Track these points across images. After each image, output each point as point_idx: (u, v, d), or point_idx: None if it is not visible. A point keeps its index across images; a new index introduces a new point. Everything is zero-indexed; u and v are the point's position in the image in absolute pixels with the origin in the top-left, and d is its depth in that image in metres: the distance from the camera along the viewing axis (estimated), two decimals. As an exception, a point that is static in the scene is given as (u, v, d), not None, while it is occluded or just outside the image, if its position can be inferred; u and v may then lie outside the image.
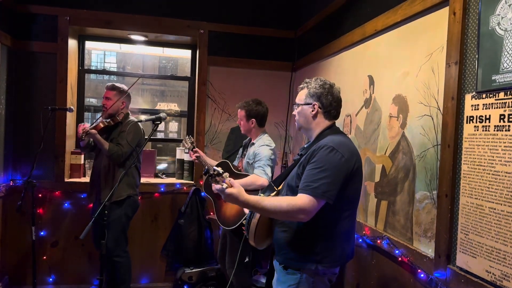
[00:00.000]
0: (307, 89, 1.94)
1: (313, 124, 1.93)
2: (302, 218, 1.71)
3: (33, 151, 3.42)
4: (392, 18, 2.30)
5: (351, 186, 1.80)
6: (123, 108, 3.28)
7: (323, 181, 1.69)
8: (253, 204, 1.74)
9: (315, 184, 1.69)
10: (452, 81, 1.80)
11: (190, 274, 3.65)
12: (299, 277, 1.82)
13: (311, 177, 1.72)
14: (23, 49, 3.55)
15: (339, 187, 1.72)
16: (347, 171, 1.76)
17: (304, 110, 1.94)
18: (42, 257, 3.61)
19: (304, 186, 1.72)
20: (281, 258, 1.89)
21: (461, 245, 1.73)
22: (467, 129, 1.71)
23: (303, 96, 1.96)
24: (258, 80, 4.03)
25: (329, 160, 1.73)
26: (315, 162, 1.75)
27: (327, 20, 3.30)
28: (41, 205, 3.60)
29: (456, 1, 1.79)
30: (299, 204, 1.68)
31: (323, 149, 1.76)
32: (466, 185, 1.71)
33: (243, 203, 1.74)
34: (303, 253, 1.81)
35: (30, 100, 3.59)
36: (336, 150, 1.75)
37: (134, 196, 3.25)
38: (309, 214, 1.69)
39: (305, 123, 1.95)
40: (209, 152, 3.96)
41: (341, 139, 1.84)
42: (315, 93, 1.92)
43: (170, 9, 3.84)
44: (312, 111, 1.92)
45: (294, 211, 1.69)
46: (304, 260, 1.81)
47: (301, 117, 1.96)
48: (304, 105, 1.94)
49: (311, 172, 1.73)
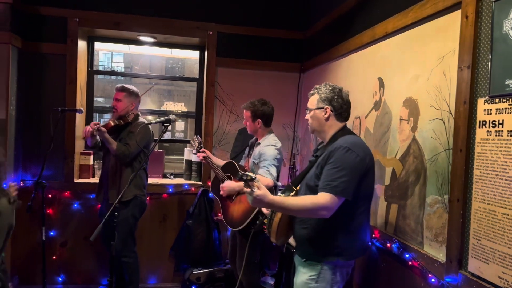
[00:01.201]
0: (318, 95, 2.08)
1: (326, 127, 2.07)
2: (324, 214, 1.85)
3: (42, 152, 3.44)
4: (402, 21, 2.29)
5: (366, 183, 1.94)
6: (133, 109, 3.30)
7: (342, 180, 1.84)
8: (279, 204, 1.88)
9: (334, 183, 1.84)
10: (465, 85, 1.79)
11: (198, 275, 3.65)
12: (320, 268, 1.96)
13: (330, 176, 1.86)
14: (33, 50, 3.58)
15: (356, 184, 1.87)
16: (362, 169, 1.91)
17: (316, 114, 2.07)
18: (51, 257, 3.64)
19: (324, 185, 1.86)
20: (302, 253, 2.04)
21: (473, 251, 1.72)
22: (480, 134, 1.70)
23: (315, 101, 2.08)
24: (266, 81, 4.03)
25: (346, 159, 1.88)
26: (333, 163, 1.89)
27: (336, 21, 3.29)
28: (51, 206, 3.63)
29: (469, 4, 1.78)
30: (321, 202, 1.84)
31: (340, 150, 1.90)
32: (479, 190, 1.70)
33: (268, 203, 1.86)
34: (324, 247, 1.96)
35: (39, 101, 3.62)
36: (351, 150, 1.90)
37: (141, 196, 3.27)
38: (330, 211, 1.85)
39: (318, 126, 2.09)
40: (217, 153, 3.97)
41: (355, 139, 2.00)
42: (326, 97, 2.05)
43: (178, 10, 3.85)
44: (325, 114, 2.05)
45: (316, 208, 1.84)
46: (325, 254, 1.96)
47: (315, 121, 2.09)
48: (316, 109, 2.07)
49: (330, 171, 1.88)
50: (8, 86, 3.27)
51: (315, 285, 1.97)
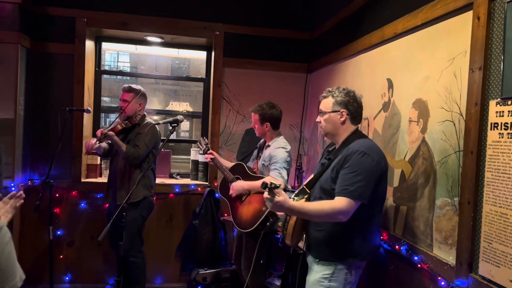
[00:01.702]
0: (333, 98, 2.09)
1: (341, 130, 2.09)
2: (341, 218, 1.89)
3: (50, 152, 3.45)
4: (412, 22, 2.28)
5: (380, 186, 1.97)
6: (140, 109, 3.31)
7: (359, 184, 1.87)
8: (298, 209, 1.92)
9: (351, 188, 1.87)
10: (476, 86, 1.77)
11: (204, 275, 3.65)
12: (334, 268, 2.00)
13: (347, 181, 1.89)
14: (41, 50, 3.60)
15: (372, 188, 1.90)
16: (378, 173, 1.94)
17: (332, 117, 2.09)
18: (58, 256, 3.66)
19: (341, 190, 1.89)
20: (317, 254, 2.07)
21: (484, 254, 1.70)
22: (491, 136, 1.68)
23: (330, 104, 2.09)
24: (273, 82, 4.03)
25: (362, 164, 1.90)
26: (349, 167, 1.91)
27: (344, 22, 3.28)
28: (58, 205, 3.65)
29: (481, 5, 1.76)
30: (339, 206, 1.87)
31: (356, 154, 1.92)
32: (490, 192, 1.68)
33: (288, 209, 1.89)
34: (339, 249, 2.00)
35: (47, 101, 3.63)
36: (368, 154, 1.92)
37: (149, 197, 3.28)
38: (347, 215, 1.88)
39: (333, 130, 2.10)
40: (224, 153, 3.97)
41: (370, 143, 2.03)
42: (342, 101, 2.07)
43: (186, 11, 3.85)
44: (341, 117, 2.07)
45: (335, 213, 1.88)
46: (340, 255, 2.00)
47: (329, 124, 2.10)
48: (331, 112, 2.08)
49: (347, 176, 1.90)
50: (17, 86, 3.29)
51: (328, 284, 2.00)
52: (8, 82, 3.27)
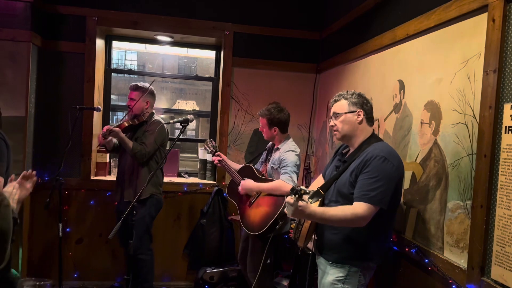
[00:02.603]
0: (346, 100, 2.09)
1: (358, 131, 2.07)
2: (362, 224, 1.90)
3: (60, 149, 3.48)
4: (425, 23, 2.26)
5: (398, 190, 1.99)
6: (147, 107, 3.32)
7: (380, 190, 1.87)
8: (320, 215, 1.90)
9: (372, 193, 1.87)
10: (490, 89, 1.76)
11: (212, 274, 3.67)
12: (348, 270, 2.00)
13: (368, 186, 1.89)
14: (52, 49, 3.62)
15: (392, 193, 1.91)
16: (397, 178, 1.95)
17: (348, 118, 2.08)
18: (67, 253, 3.68)
19: (362, 195, 1.89)
20: (331, 257, 2.06)
21: (497, 258, 1.69)
22: (506, 139, 1.67)
23: (345, 106, 2.09)
24: (282, 82, 4.02)
25: (383, 169, 1.90)
26: (369, 172, 1.91)
27: (354, 22, 3.27)
28: (67, 203, 3.67)
29: (496, 8, 1.75)
30: (360, 212, 1.87)
31: (376, 159, 1.92)
32: (504, 196, 1.67)
33: (309, 215, 1.87)
34: (355, 253, 2.00)
35: (58, 99, 3.66)
36: (388, 160, 1.92)
37: (157, 195, 3.29)
38: (367, 220, 1.89)
39: (350, 131, 2.08)
40: (232, 153, 3.97)
41: (389, 148, 2.03)
42: (358, 101, 2.08)
43: (195, 10, 3.86)
44: (358, 117, 2.07)
45: (357, 219, 1.88)
46: (356, 258, 2.00)
47: (347, 125, 2.08)
48: (348, 113, 2.08)
49: (367, 181, 1.89)
50: (28, 84, 3.32)
51: (342, 286, 2.00)
52: (20, 80, 3.30)
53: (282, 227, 2.77)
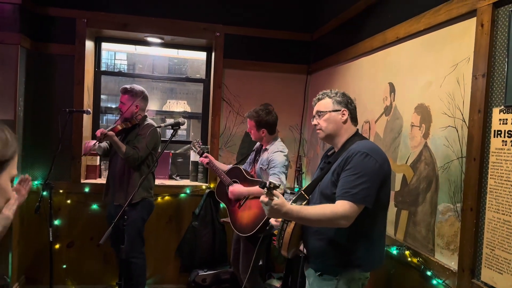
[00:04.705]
0: (330, 98, 2.00)
1: (342, 130, 1.98)
2: (344, 224, 1.75)
3: (50, 153, 3.44)
4: (415, 26, 2.28)
5: (384, 190, 1.85)
6: (137, 110, 3.28)
7: (362, 187, 1.75)
8: (296, 214, 1.76)
9: (354, 190, 1.74)
10: (479, 93, 1.78)
11: (204, 277, 3.66)
12: (336, 283, 1.86)
13: (349, 183, 1.76)
14: (41, 51, 3.58)
15: (376, 191, 1.78)
16: (381, 176, 1.81)
17: (333, 116, 1.98)
18: (58, 257, 3.64)
19: (343, 193, 1.76)
20: (318, 266, 1.93)
21: (487, 260, 1.71)
22: (495, 143, 1.69)
23: (329, 104, 1.99)
24: (273, 83, 4.02)
25: (365, 165, 1.78)
26: (351, 169, 1.79)
27: (345, 24, 3.28)
28: (58, 206, 3.64)
29: (484, 12, 1.77)
30: (341, 210, 1.73)
31: (357, 155, 1.80)
32: (493, 199, 1.69)
33: (285, 213, 1.74)
34: (343, 259, 1.86)
35: (47, 101, 3.61)
36: (370, 155, 1.80)
37: (149, 198, 3.27)
38: (350, 220, 1.75)
39: (334, 130, 1.98)
40: (224, 155, 3.97)
41: (372, 145, 1.92)
42: (342, 100, 1.99)
43: (186, 11, 3.84)
44: (343, 116, 1.97)
45: (337, 217, 1.73)
46: (344, 265, 1.86)
47: (331, 124, 1.98)
48: (332, 111, 1.98)
49: (349, 178, 1.78)
50: (17, 87, 3.27)
51: None
52: (8, 83, 3.25)
53: (272, 228, 2.78)
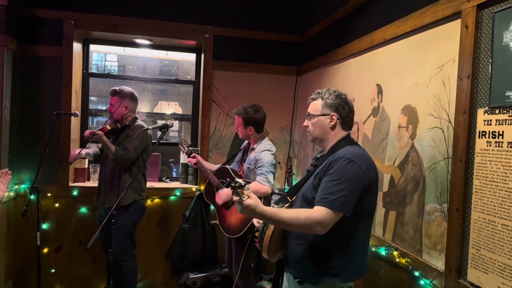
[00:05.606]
0: (322, 100, 1.88)
1: (330, 135, 1.87)
2: (319, 231, 1.67)
3: (38, 156, 3.41)
4: (401, 28, 2.29)
5: (368, 199, 1.76)
6: (127, 112, 3.26)
7: (341, 194, 1.66)
8: (270, 215, 1.69)
9: (332, 197, 1.67)
10: (464, 95, 1.79)
11: (194, 279, 3.64)
12: None
13: (328, 189, 1.69)
14: (28, 53, 3.53)
15: (356, 199, 1.69)
16: (364, 183, 1.72)
17: (321, 121, 1.87)
18: (46, 261, 3.60)
19: (321, 199, 1.69)
20: (296, 272, 1.85)
21: (473, 260, 1.73)
22: (480, 144, 1.71)
23: (319, 107, 1.88)
24: (263, 84, 4.02)
25: (347, 172, 1.70)
26: (332, 174, 1.71)
27: (334, 26, 3.29)
28: (46, 210, 3.60)
29: (469, 14, 1.78)
30: (316, 216, 1.66)
31: (341, 161, 1.72)
32: (478, 200, 1.71)
33: (259, 214, 1.67)
34: (320, 267, 1.78)
35: (35, 104, 3.57)
36: (354, 161, 1.72)
37: (140, 200, 3.25)
38: (326, 227, 1.67)
39: (321, 134, 1.89)
40: (214, 156, 3.96)
41: (359, 151, 1.82)
42: (333, 103, 1.86)
43: (175, 13, 3.83)
44: (331, 121, 1.86)
45: (311, 223, 1.66)
46: (321, 274, 1.78)
47: (317, 128, 1.89)
48: (321, 115, 1.87)
49: (328, 184, 1.70)
50: (3, 90, 3.23)
51: None
52: (-6, 86, 3.21)
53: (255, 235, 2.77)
